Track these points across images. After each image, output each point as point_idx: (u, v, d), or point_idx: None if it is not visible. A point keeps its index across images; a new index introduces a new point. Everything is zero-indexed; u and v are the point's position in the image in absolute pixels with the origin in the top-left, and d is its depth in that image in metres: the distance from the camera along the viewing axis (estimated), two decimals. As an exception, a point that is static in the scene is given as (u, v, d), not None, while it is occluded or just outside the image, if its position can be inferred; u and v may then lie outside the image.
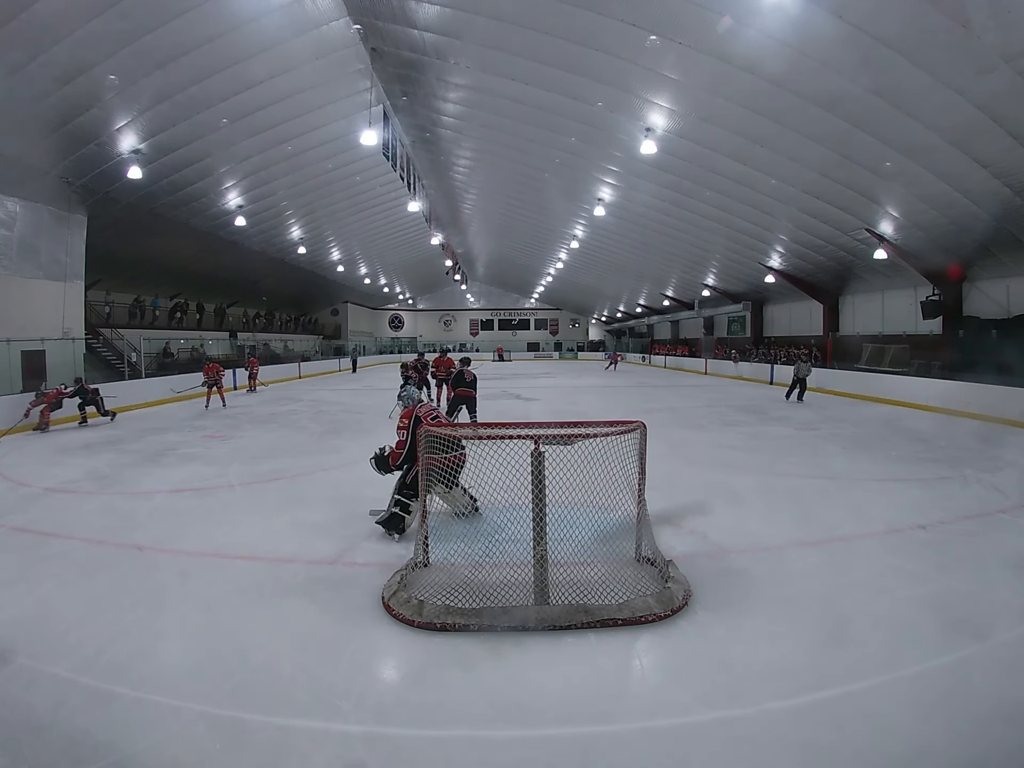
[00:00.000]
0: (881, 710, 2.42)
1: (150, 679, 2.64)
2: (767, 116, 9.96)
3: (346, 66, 11.73)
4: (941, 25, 6.85)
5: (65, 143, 11.26)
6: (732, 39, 8.11)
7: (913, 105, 8.58)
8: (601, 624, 3.07)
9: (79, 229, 13.84)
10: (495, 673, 2.73)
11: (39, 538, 4.56)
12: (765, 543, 4.32)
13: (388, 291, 39.24)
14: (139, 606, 3.37)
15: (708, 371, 24.45)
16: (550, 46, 9.46)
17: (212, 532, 4.64)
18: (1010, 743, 2.26)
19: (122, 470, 6.98)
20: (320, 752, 2.23)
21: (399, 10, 9.86)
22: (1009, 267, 12.98)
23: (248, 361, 19.17)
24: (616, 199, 16.36)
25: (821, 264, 17.12)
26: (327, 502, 5.42)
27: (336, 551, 4.15)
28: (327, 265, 26.60)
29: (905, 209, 12.09)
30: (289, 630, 3.12)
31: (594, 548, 3.70)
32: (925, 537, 4.43)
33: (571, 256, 25.67)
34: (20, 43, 8.38)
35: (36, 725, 2.33)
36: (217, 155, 13.60)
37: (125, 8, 8.22)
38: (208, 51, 9.70)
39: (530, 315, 45.48)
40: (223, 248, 19.41)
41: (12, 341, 11.97)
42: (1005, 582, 3.63)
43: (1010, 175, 9.60)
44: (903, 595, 3.45)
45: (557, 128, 12.86)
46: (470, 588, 3.32)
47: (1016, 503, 5.26)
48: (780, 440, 8.83)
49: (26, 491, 6.06)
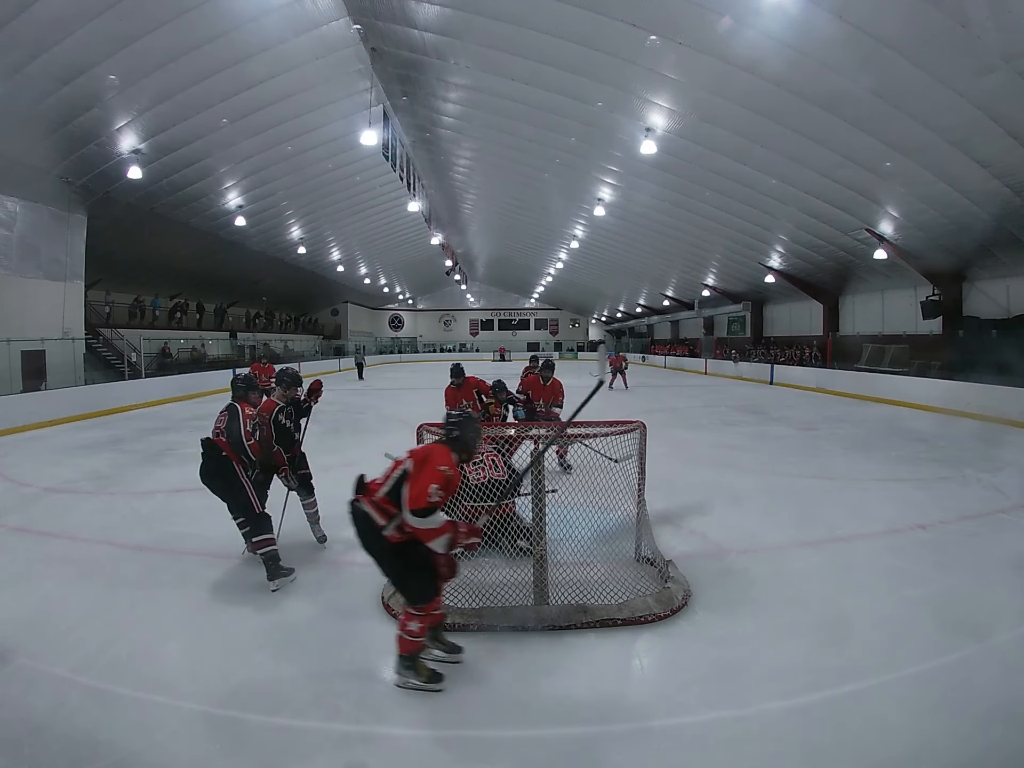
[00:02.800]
0: (881, 710, 2.42)
1: (150, 679, 2.64)
2: (767, 116, 9.95)
3: (346, 66, 11.73)
4: (941, 25, 6.85)
5: (65, 143, 11.26)
6: (732, 39, 8.10)
7: (913, 105, 8.58)
8: (601, 624, 3.07)
9: (79, 229, 13.84)
10: (495, 673, 2.73)
11: (39, 538, 4.56)
12: (765, 543, 4.32)
13: (388, 291, 39.22)
14: (139, 606, 3.37)
15: (708, 371, 24.44)
16: (550, 46, 9.46)
17: (212, 532, 4.63)
18: (1010, 743, 2.27)
19: (122, 470, 6.98)
20: (320, 752, 2.23)
21: (399, 10, 9.86)
22: (1009, 267, 12.98)
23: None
24: (616, 199, 16.35)
25: (821, 264, 17.11)
26: (327, 502, 5.41)
27: (336, 551, 4.15)
28: (327, 265, 26.59)
29: (905, 209, 12.09)
30: (289, 630, 3.12)
31: (594, 548, 3.70)
32: (925, 537, 4.43)
33: (571, 256, 25.66)
34: (20, 43, 8.38)
35: (36, 725, 2.33)
36: (217, 155, 13.59)
37: (125, 8, 8.22)
38: (208, 51, 9.69)
39: (530, 315, 45.49)
40: (223, 248, 19.40)
41: (12, 341, 11.96)
42: (1005, 582, 3.63)
43: (1010, 175, 9.59)
44: (903, 595, 3.44)
45: (557, 128, 12.85)
46: (470, 588, 3.32)
47: (1016, 503, 5.26)
48: (780, 440, 8.83)
49: (26, 491, 6.05)
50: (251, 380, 4.11)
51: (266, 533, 3.64)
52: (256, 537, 3.63)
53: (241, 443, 3.67)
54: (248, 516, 3.71)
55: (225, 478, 3.69)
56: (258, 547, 3.62)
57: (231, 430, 3.73)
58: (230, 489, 3.70)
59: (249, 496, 3.69)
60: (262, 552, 3.60)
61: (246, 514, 3.71)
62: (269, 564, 3.59)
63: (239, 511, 3.75)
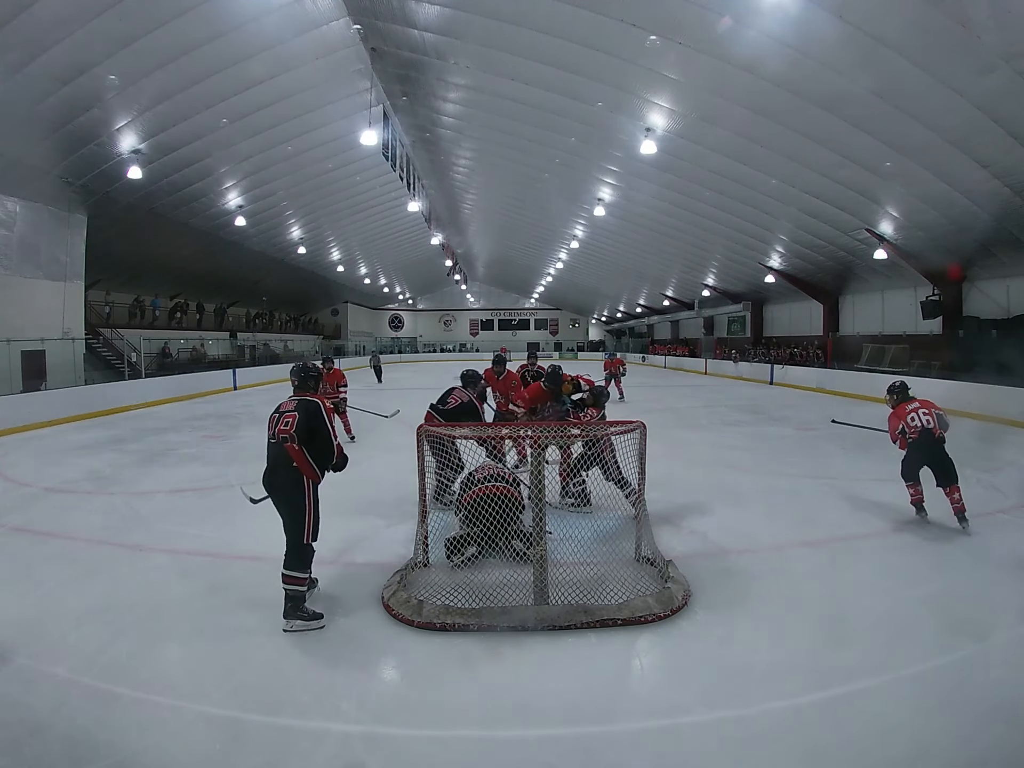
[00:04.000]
0: (881, 710, 2.42)
1: (150, 679, 2.64)
2: (767, 116, 9.95)
3: (346, 66, 11.73)
4: (941, 25, 6.85)
5: (65, 143, 11.26)
6: (732, 39, 8.10)
7: (913, 105, 8.58)
8: (601, 624, 3.07)
9: (79, 229, 13.85)
10: (495, 673, 2.73)
11: (39, 538, 4.56)
12: (765, 543, 4.32)
13: (388, 291, 39.24)
14: (139, 606, 3.37)
15: (708, 371, 24.44)
16: (550, 46, 9.46)
17: (212, 532, 4.64)
18: (1010, 743, 2.26)
19: (122, 470, 6.98)
20: (320, 752, 2.23)
21: (399, 10, 9.86)
22: (1009, 267, 12.98)
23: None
24: (616, 199, 16.35)
25: (821, 264, 17.12)
26: (326, 502, 5.41)
27: (336, 551, 4.15)
28: (327, 265, 26.60)
29: (905, 209, 12.09)
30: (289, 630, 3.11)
31: (594, 548, 3.70)
32: (925, 537, 4.43)
33: (571, 256, 25.66)
34: (20, 43, 8.37)
35: (36, 725, 2.33)
36: (217, 155, 13.59)
37: (125, 8, 8.22)
38: (208, 51, 9.69)
39: (530, 315, 45.49)
40: (223, 248, 19.41)
41: (12, 341, 11.96)
42: (1005, 582, 3.62)
43: (1010, 175, 9.59)
44: (903, 595, 3.44)
45: (557, 128, 12.85)
46: (470, 588, 3.32)
47: (1016, 503, 5.27)
48: (780, 440, 8.83)
49: (26, 491, 6.05)
50: (320, 370, 3.66)
51: (303, 571, 3.17)
52: (290, 571, 3.14)
53: (330, 444, 3.22)
54: (295, 542, 3.16)
55: (290, 492, 3.17)
56: (287, 581, 3.13)
57: (313, 430, 3.17)
58: (291, 506, 3.18)
59: (307, 521, 3.16)
60: (289, 588, 3.12)
61: (293, 538, 3.17)
62: (290, 603, 3.13)
63: (290, 532, 3.18)
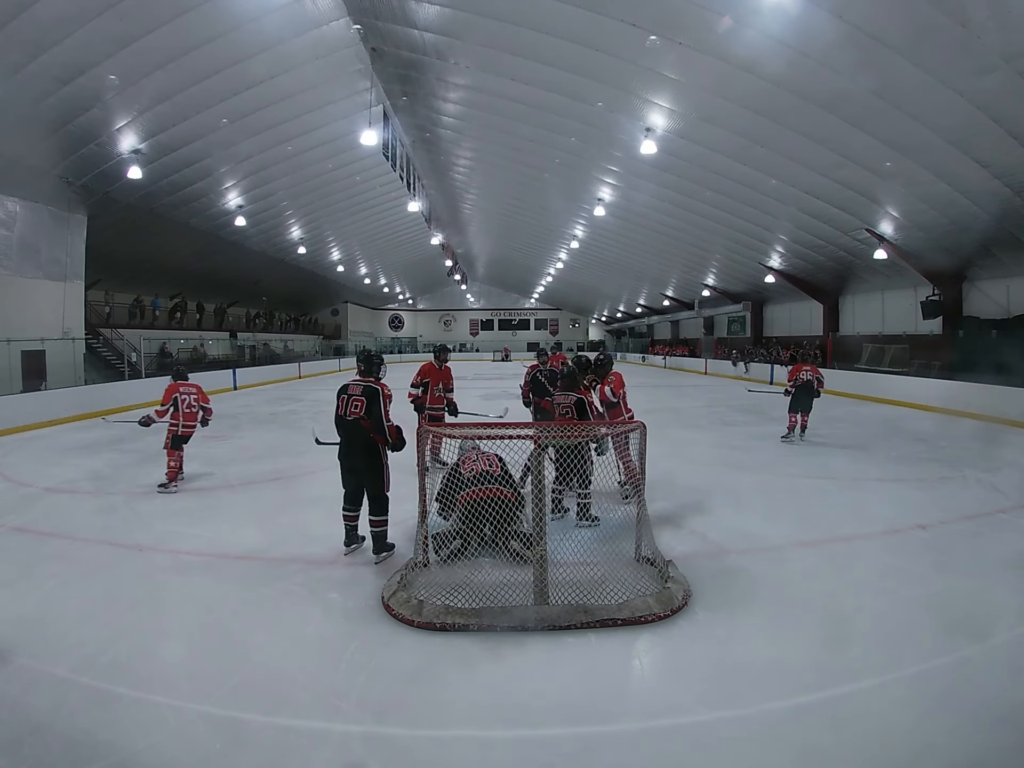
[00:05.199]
0: (881, 710, 2.42)
1: (150, 679, 2.64)
2: (767, 116, 9.95)
3: (346, 66, 11.72)
4: (941, 25, 6.84)
5: (65, 143, 11.25)
6: (732, 39, 8.09)
7: (913, 105, 8.57)
8: (601, 624, 3.07)
9: (79, 229, 13.83)
10: (495, 673, 2.73)
11: (39, 538, 4.55)
12: (765, 543, 4.32)
13: (388, 291, 39.19)
14: (139, 606, 3.37)
15: (708, 371, 24.44)
16: (550, 46, 9.45)
17: (212, 532, 4.64)
18: (1010, 743, 2.26)
19: (122, 470, 6.99)
20: (320, 752, 2.23)
21: (399, 10, 9.86)
22: (1009, 267, 12.97)
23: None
24: (616, 199, 16.34)
25: (821, 264, 17.11)
26: (327, 502, 5.41)
27: (335, 551, 4.15)
28: (327, 265, 26.58)
29: (905, 209, 12.08)
30: (289, 630, 3.11)
31: (594, 548, 3.70)
32: (925, 537, 4.43)
33: (571, 256, 25.65)
34: (20, 43, 8.37)
35: (36, 725, 2.33)
36: (217, 155, 13.59)
37: (125, 8, 8.21)
38: (208, 51, 9.69)
39: (530, 315, 45.48)
40: (223, 248, 19.40)
41: (12, 341, 11.96)
42: (1005, 582, 3.63)
43: (1010, 175, 9.59)
44: (903, 595, 3.44)
45: (557, 128, 12.84)
46: (470, 588, 3.32)
47: (1016, 503, 5.26)
48: (780, 440, 8.82)
49: (26, 491, 6.05)
50: (382, 357, 4.31)
51: (384, 515, 4.01)
52: (376, 516, 3.99)
53: (381, 424, 3.96)
54: (380, 495, 4.01)
55: (369, 458, 3.98)
56: (375, 525, 3.99)
57: (372, 413, 3.96)
58: (371, 468, 3.98)
59: (386, 478, 4.03)
60: (376, 530, 3.99)
61: (380, 494, 4.00)
62: (377, 541, 3.99)
63: (376, 489, 4.00)
